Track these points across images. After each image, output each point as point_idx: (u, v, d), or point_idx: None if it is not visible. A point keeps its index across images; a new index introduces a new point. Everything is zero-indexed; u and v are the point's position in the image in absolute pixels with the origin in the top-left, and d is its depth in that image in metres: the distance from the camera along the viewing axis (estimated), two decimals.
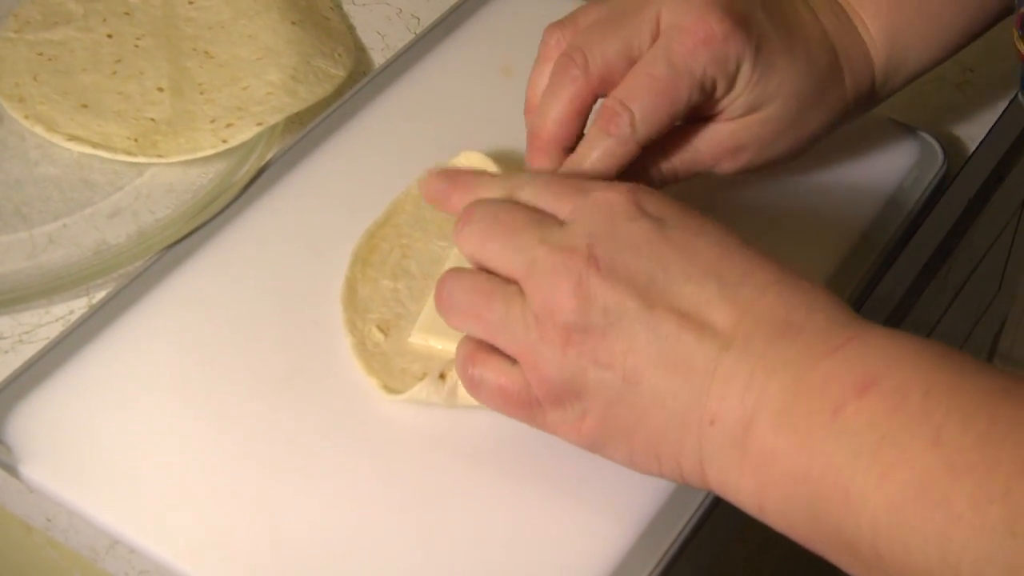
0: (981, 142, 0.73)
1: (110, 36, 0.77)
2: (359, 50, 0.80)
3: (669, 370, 0.48)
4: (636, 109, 0.55)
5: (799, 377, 0.46)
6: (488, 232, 0.51)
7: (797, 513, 0.46)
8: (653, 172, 0.59)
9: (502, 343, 0.51)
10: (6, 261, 0.66)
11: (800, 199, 0.68)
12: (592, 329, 0.48)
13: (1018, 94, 0.76)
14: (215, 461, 0.57)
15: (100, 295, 0.65)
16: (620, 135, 0.55)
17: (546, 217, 0.51)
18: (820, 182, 0.69)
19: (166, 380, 0.60)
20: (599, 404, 0.49)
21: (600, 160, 0.56)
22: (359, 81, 0.75)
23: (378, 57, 0.80)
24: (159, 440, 0.58)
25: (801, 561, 0.52)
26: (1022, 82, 0.67)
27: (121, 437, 0.58)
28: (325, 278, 0.63)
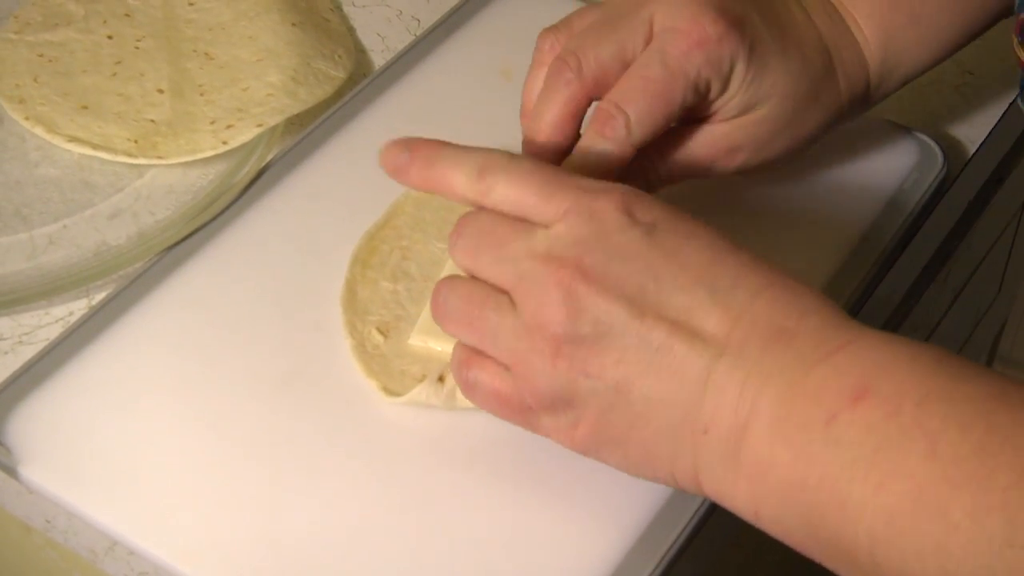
0: (981, 144, 0.73)
1: (110, 37, 0.77)
2: (359, 52, 0.80)
3: (661, 380, 0.47)
4: (631, 111, 0.55)
5: (792, 384, 0.46)
6: (478, 245, 0.51)
7: (793, 521, 0.46)
8: (649, 174, 0.59)
9: (493, 352, 0.51)
10: (6, 262, 0.66)
11: (800, 201, 0.68)
12: (582, 340, 0.48)
13: (1017, 98, 0.76)
14: (215, 462, 0.57)
15: (100, 296, 0.65)
16: (615, 138, 0.55)
17: (532, 224, 0.50)
18: (820, 184, 0.69)
19: (166, 381, 0.60)
20: (591, 413, 0.49)
21: (596, 163, 0.56)
22: (359, 83, 0.75)
23: (378, 59, 0.80)
24: (159, 441, 0.58)
25: (796, 567, 0.52)
26: (1022, 88, 0.67)
27: (121, 438, 0.58)
28: (325, 280, 0.63)
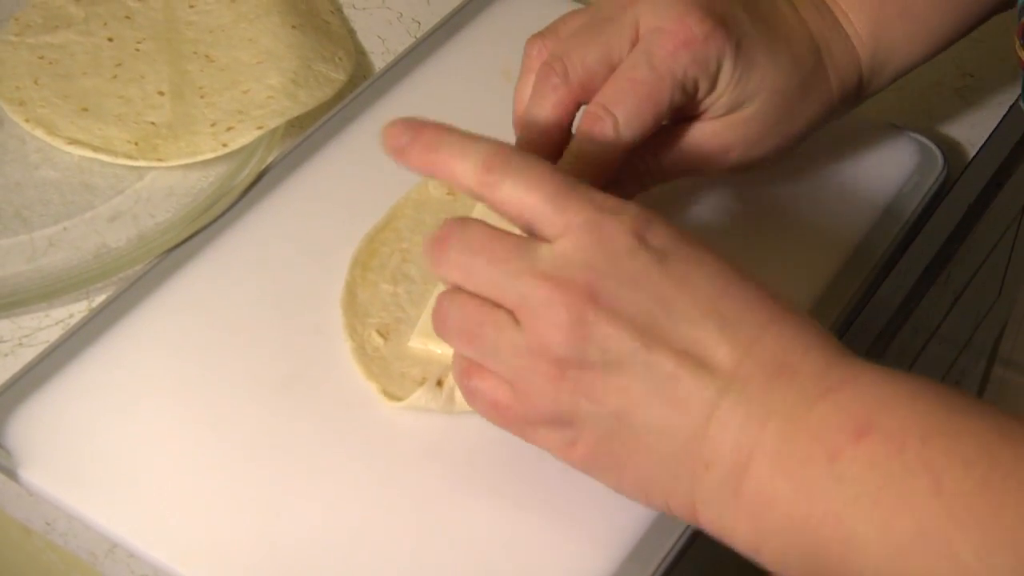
0: (981, 147, 0.73)
1: (111, 40, 0.77)
2: (359, 54, 0.80)
3: (664, 411, 0.47)
4: (619, 113, 0.55)
5: (794, 420, 0.45)
6: (470, 262, 0.49)
7: (796, 557, 0.45)
8: (641, 173, 0.60)
9: (494, 368, 0.50)
10: (6, 264, 0.66)
11: (800, 204, 0.68)
12: (588, 366, 0.47)
13: (1019, 99, 0.76)
14: (214, 465, 0.57)
15: (100, 298, 0.65)
16: (604, 139, 0.55)
17: (532, 238, 0.49)
18: (820, 187, 0.69)
19: (166, 384, 0.60)
20: (589, 436, 0.48)
21: (586, 166, 0.56)
22: (359, 85, 0.75)
23: (378, 61, 0.80)
24: (159, 444, 0.58)
25: None
26: (1023, 89, 0.67)
27: (120, 441, 0.58)
28: (325, 282, 0.63)
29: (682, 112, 0.59)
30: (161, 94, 0.73)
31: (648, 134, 0.57)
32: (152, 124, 0.72)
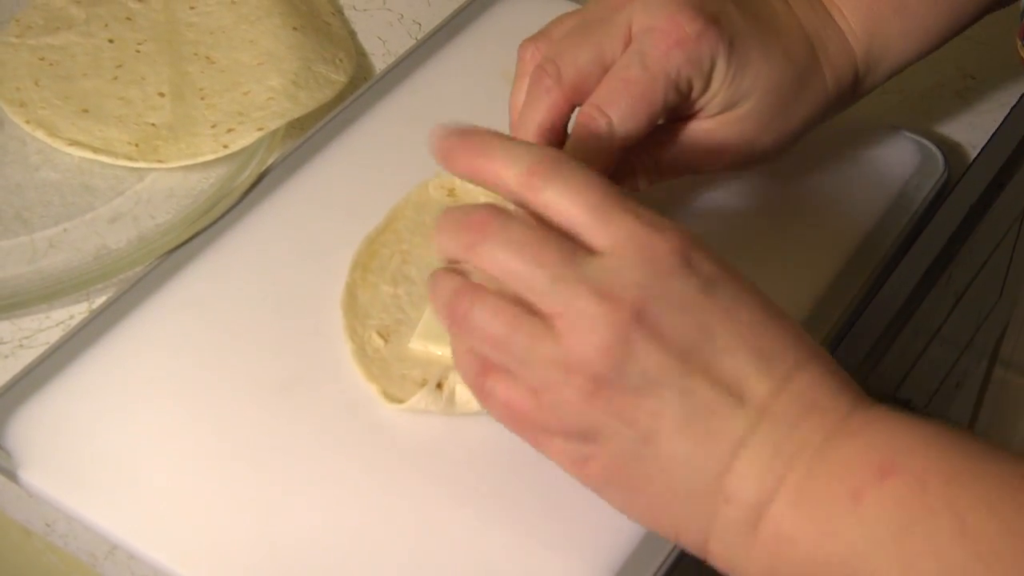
0: (982, 149, 0.73)
1: (111, 41, 0.77)
2: (360, 55, 0.80)
3: (693, 440, 0.46)
4: (613, 114, 0.55)
5: (818, 460, 0.45)
6: (511, 260, 0.47)
7: None
8: (638, 173, 0.60)
9: (520, 374, 0.48)
10: (7, 265, 0.66)
11: (802, 205, 0.68)
12: (625, 385, 0.46)
13: (1021, 99, 0.76)
14: (215, 467, 0.57)
15: (100, 300, 0.65)
16: (599, 140, 0.55)
17: (577, 245, 0.47)
18: (822, 188, 0.69)
19: (166, 386, 0.60)
20: (609, 455, 0.47)
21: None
22: (360, 87, 0.75)
23: (379, 63, 0.80)
24: (159, 445, 0.57)
25: None
26: None
27: (121, 442, 0.58)
28: (325, 284, 0.63)
29: (677, 112, 0.59)
30: (162, 95, 0.73)
31: (643, 134, 0.57)
32: (152, 125, 0.72)
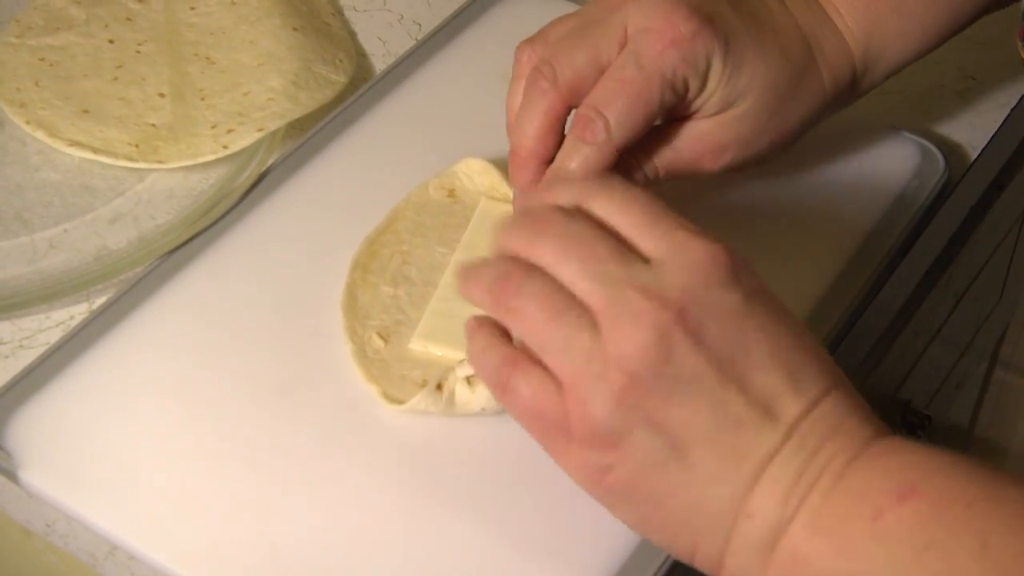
0: (983, 150, 0.73)
1: (112, 42, 0.77)
2: (360, 56, 0.80)
3: (722, 452, 0.46)
4: (610, 114, 0.55)
5: (838, 483, 0.46)
6: (567, 248, 0.48)
7: None
8: (636, 175, 0.59)
9: (554, 363, 0.47)
10: (7, 266, 0.66)
11: (802, 206, 0.68)
12: (659, 387, 0.46)
13: (1022, 100, 0.76)
14: (215, 467, 0.57)
15: (100, 300, 0.65)
16: (596, 141, 0.55)
17: (629, 251, 0.48)
18: (822, 189, 0.69)
19: (166, 386, 0.60)
20: (633, 464, 0.47)
21: (579, 168, 0.56)
22: (360, 87, 0.75)
23: (379, 63, 0.80)
24: (159, 446, 0.57)
25: None
26: None
27: (121, 443, 0.58)
28: (325, 284, 0.63)
29: (674, 112, 0.59)
30: (162, 96, 0.73)
31: (640, 135, 0.57)
32: (153, 126, 0.72)
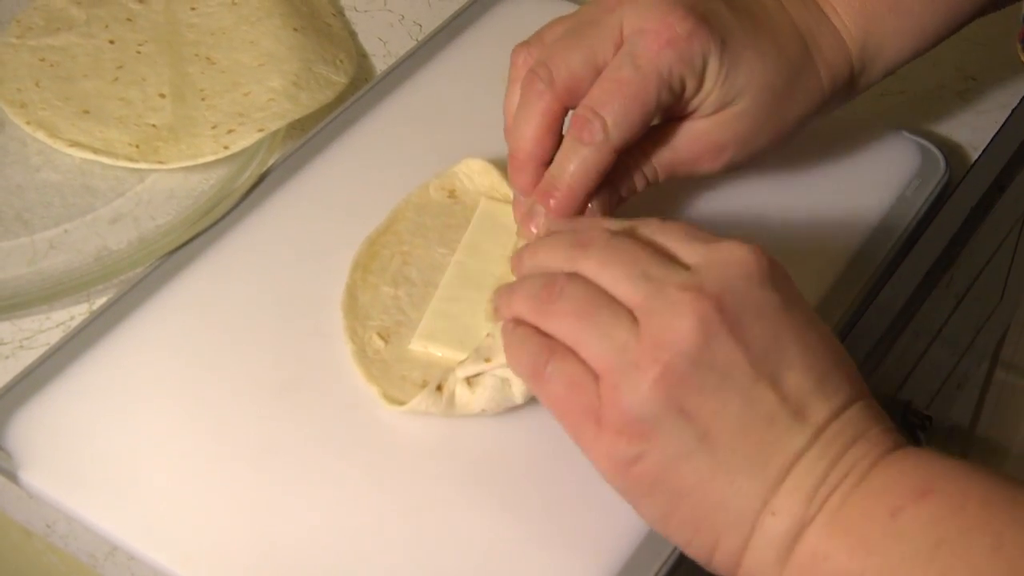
0: (983, 151, 0.73)
1: (112, 42, 0.77)
2: (361, 56, 0.80)
3: (751, 448, 0.47)
4: (607, 115, 0.55)
5: (858, 484, 0.46)
6: (608, 259, 0.49)
7: None
8: (635, 175, 0.60)
9: (590, 354, 0.48)
10: (7, 266, 0.66)
11: (801, 207, 0.68)
12: (693, 377, 0.46)
13: (1022, 101, 0.76)
14: (215, 467, 0.57)
15: (101, 301, 0.65)
16: (593, 142, 0.56)
17: (670, 260, 0.50)
18: (821, 190, 0.69)
19: (166, 387, 0.60)
20: (662, 454, 0.47)
21: (578, 169, 0.56)
22: (361, 88, 0.75)
23: (380, 64, 0.80)
24: (159, 446, 0.57)
25: None
26: None
27: (121, 443, 0.58)
28: (326, 285, 0.63)
29: (672, 112, 0.59)
30: (162, 96, 0.73)
31: (638, 135, 0.57)
32: (153, 126, 0.72)
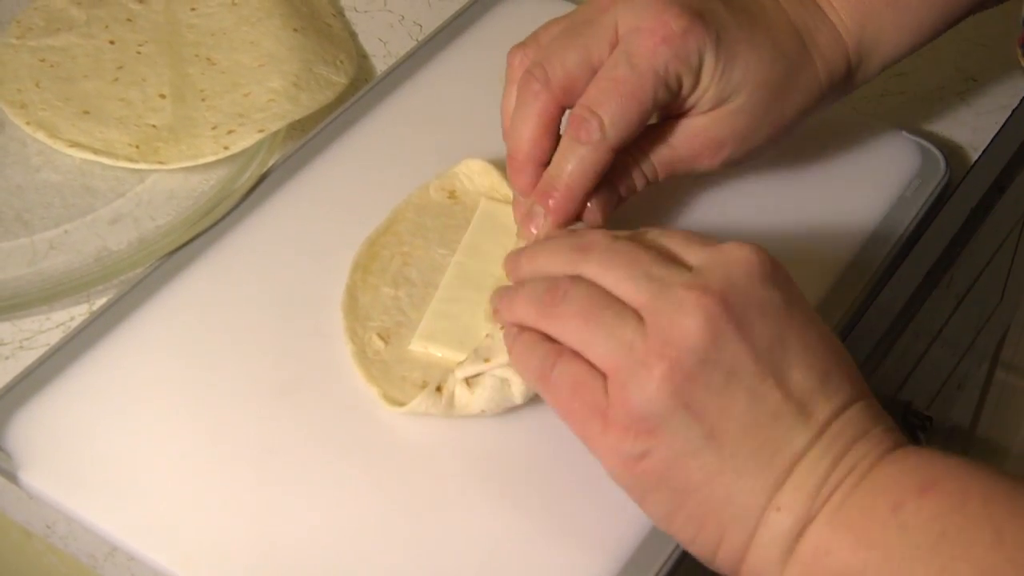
0: (983, 152, 0.73)
1: (112, 43, 0.77)
2: (361, 57, 0.80)
3: (756, 445, 0.47)
4: (604, 114, 0.55)
5: (861, 480, 0.47)
6: (610, 260, 0.50)
7: None
8: (634, 174, 0.60)
9: (597, 354, 0.49)
10: (7, 267, 0.66)
11: (801, 207, 0.68)
12: (700, 374, 0.47)
13: (1022, 102, 0.76)
14: (215, 468, 0.56)
15: (101, 302, 0.65)
16: (591, 141, 0.56)
17: (673, 261, 0.50)
18: (822, 191, 0.69)
19: (166, 387, 0.60)
20: (668, 451, 0.47)
21: (576, 169, 0.56)
22: (361, 88, 0.75)
23: (380, 64, 0.80)
24: (159, 447, 0.57)
25: None
26: None
27: (121, 444, 0.58)
28: (326, 285, 0.63)
29: (669, 109, 0.59)
30: (162, 97, 0.73)
31: (635, 133, 0.57)
32: (153, 127, 0.72)
